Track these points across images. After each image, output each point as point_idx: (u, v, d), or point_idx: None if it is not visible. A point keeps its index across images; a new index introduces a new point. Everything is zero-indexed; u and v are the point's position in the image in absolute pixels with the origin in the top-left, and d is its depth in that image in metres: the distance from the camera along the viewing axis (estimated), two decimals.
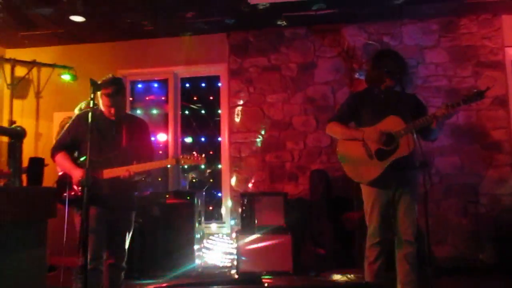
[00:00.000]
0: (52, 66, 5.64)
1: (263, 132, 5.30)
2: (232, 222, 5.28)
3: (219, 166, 5.64)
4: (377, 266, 2.96)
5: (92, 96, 2.89)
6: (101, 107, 3.06)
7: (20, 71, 5.67)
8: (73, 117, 3.18)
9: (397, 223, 2.98)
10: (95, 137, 2.89)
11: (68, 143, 3.04)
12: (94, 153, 2.80)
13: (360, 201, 3.15)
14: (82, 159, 3.02)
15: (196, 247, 4.73)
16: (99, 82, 2.89)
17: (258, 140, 5.31)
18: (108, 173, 2.94)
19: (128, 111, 5.79)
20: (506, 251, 4.46)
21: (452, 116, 2.87)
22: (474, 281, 4.15)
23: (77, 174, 2.91)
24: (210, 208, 5.88)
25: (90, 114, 2.73)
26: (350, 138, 3.07)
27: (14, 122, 5.19)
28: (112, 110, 3.01)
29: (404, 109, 2.89)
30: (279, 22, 5.20)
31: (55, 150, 3.04)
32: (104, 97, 2.98)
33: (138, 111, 6.01)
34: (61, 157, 3.01)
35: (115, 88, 2.99)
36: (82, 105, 4.10)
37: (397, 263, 2.99)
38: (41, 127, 5.75)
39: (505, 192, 4.88)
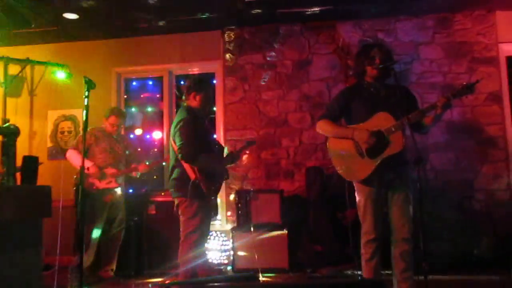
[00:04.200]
0: (46, 64, 5.60)
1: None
2: (228, 220, 5.28)
3: None
4: (374, 263, 2.94)
5: (86, 94, 2.89)
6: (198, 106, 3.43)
7: (14, 69, 5.63)
8: (183, 122, 3.30)
9: (392, 221, 2.97)
10: (207, 134, 3.51)
11: (199, 144, 3.28)
12: (213, 147, 3.46)
13: (355, 197, 3.15)
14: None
15: None
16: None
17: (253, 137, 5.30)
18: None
19: (123, 109, 5.81)
20: (502, 246, 4.48)
21: (441, 112, 2.84)
22: (470, 276, 4.17)
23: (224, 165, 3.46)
24: None
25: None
26: (340, 136, 3.04)
27: (8, 121, 5.16)
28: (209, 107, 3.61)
29: (395, 104, 2.87)
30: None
31: (196, 151, 3.23)
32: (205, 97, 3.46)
33: (133, 109, 5.98)
34: (206, 155, 3.28)
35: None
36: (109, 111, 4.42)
37: (393, 261, 2.98)
38: (35, 126, 5.72)
39: (500, 188, 4.91)
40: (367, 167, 2.91)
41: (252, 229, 4.53)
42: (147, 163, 4.39)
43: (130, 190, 5.38)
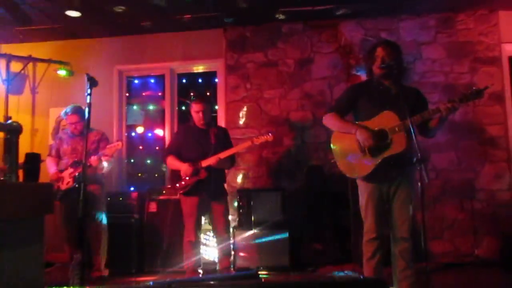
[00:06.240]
0: (48, 61, 5.61)
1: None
2: (230, 218, 5.27)
3: None
4: (375, 262, 2.95)
5: (88, 91, 2.89)
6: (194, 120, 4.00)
7: (16, 67, 5.63)
8: (177, 130, 4.17)
9: (392, 219, 2.97)
10: (192, 141, 3.95)
11: (173, 149, 4.02)
12: (193, 151, 3.87)
13: (356, 196, 3.15)
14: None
15: None
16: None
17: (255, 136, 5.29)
18: (204, 162, 3.80)
19: (125, 107, 5.81)
20: (502, 246, 4.49)
21: (449, 115, 2.82)
22: (471, 276, 4.17)
23: (184, 167, 3.82)
24: None
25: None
26: (344, 131, 3.04)
27: (10, 118, 5.16)
28: (201, 115, 3.93)
29: (402, 104, 2.86)
30: (276, 15, 5.12)
31: (166, 155, 4.04)
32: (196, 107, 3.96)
33: (135, 107, 5.99)
34: (171, 159, 3.96)
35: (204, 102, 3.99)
36: (68, 109, 4.38)
37: (393, 259, 2.99)
38: (37, 123, 5.72)
39: (501, 188, 4.90)
40: (368, 165, 2.92)
41: (253, 227, 4.54)
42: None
43: (132, 188, 5.40)
